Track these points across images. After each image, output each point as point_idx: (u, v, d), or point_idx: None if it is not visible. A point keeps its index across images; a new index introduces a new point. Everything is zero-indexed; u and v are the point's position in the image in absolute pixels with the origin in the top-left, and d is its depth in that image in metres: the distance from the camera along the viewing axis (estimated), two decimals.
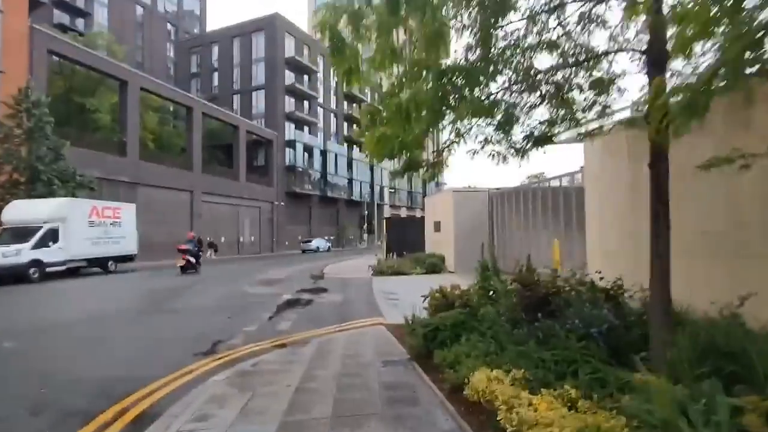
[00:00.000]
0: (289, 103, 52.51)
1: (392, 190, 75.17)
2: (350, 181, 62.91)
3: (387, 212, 64.58)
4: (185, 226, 34.55)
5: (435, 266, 17.23)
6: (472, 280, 12.79)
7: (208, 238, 37.65)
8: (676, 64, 4.21)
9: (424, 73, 4.17)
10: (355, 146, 65.18)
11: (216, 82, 54.64)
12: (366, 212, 60.84)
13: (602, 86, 6.07)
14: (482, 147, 6.57)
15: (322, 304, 10.31)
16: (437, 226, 19.37)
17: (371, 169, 68.00)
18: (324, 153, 57.32)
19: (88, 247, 18.95)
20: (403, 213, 71.38)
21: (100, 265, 20.09)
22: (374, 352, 5.89)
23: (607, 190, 7.83)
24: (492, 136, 6.49)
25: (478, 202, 17.37)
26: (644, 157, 6.88)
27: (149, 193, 31.29)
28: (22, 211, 17.75)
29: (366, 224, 60.65)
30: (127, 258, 21.75)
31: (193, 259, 19.33)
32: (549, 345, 3.91)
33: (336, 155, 59.61)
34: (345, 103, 64.00)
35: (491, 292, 6.82)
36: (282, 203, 48.42)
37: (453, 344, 4.94)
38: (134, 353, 6.45)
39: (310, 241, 45.80)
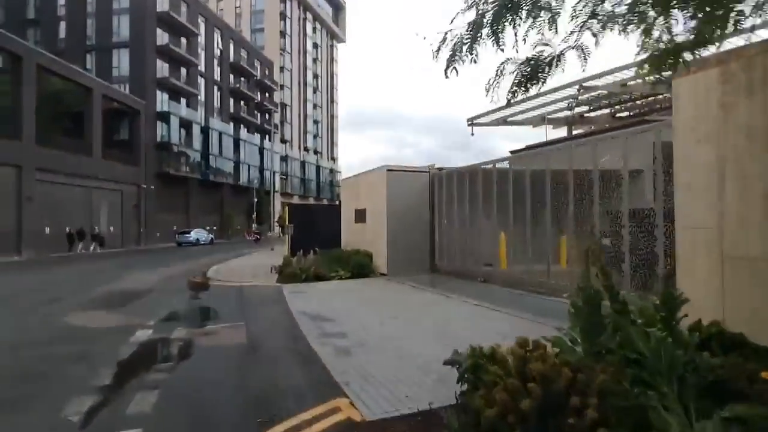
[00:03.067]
0: (162, 67, 43.93)
1: (284, 177, 69.17)
2: (237, 164, 55.70)
3: (278, 200, 58.79)
4: (6, 212, 25.78)
5: (363, 267, 13.21)
6: (418, 287, 8.90)
7: (96, 229, 32.24)
8: None
9: None
10: (242, 125, 58.01)
11: (63, 34, 43.62)
12: (255, 200, 54.28)
13: None
14: None
15: (209, 356, 5.60)
16: (360, 216, 15.35)
17: (261, 152, 61.41)
18: (206, 130, 49.52)
19: None
20: (296, 201, 65.99)
21: None
22: None
23: (739, 155, 4.54)
24: None
25: (417, 186, 13.73)
26: None
27: None
28: None
29: (255, 213, 54.10)
30: None
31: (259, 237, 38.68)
32: None
33: (220, 134, 52.06)
34: (232, 76, 56.31)
35: (606, 355, 3.05)
36: (152, 187, 40.19)
37: None
38: None
39: (187, 233, 38.60)
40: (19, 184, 26.75)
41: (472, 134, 21.31)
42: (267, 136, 61.59)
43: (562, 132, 22.19)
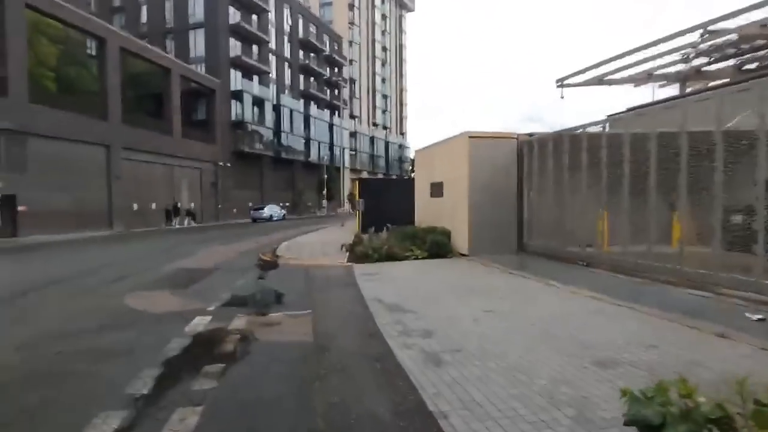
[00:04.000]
0: (235, 46, 44.49)
1: (353, 153, 68.89)
2: (307, 141, 56.01)
3: (348, 176, 58.62)
4: (98, 189, 27.32)
5: (441, 247, 11.89)
6: (508, 271, 7.33)
7: (180, 204, 34.02)
8: None
9: None
10: (312, 102, 58.03)
11: (144, 19, 45.49)
12: (326, 176, 54.42)
13: None
14: None
15: (268, 358, 4.55)
16: (437, 189, 13.95)
17: (330, 129, 61.29)
18: (277, 108, 49.97)
19: None
20: (365, 177, 65.50)
21: None
22: None
23: None
24: None
25: (502, 154, 12.03)
26: None
27: (45, 146, 23.80)
28: None
29: (325, 189, 54.34)
30: None
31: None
32: None
33: (291, 111, 52.35)
34: (301, 52, 56.18)
35: None
36: (228, 164, 41.31)
37: None
38: None
39: (261, 209, 39.36)
40: (108, 162, 28.22)
41: (562, 97, 18.96)
42: (336, 112, 61.28)
43: (670, 91, 19.14)
